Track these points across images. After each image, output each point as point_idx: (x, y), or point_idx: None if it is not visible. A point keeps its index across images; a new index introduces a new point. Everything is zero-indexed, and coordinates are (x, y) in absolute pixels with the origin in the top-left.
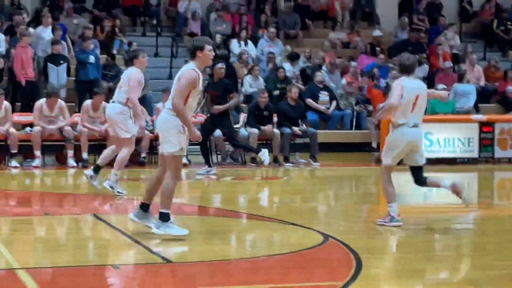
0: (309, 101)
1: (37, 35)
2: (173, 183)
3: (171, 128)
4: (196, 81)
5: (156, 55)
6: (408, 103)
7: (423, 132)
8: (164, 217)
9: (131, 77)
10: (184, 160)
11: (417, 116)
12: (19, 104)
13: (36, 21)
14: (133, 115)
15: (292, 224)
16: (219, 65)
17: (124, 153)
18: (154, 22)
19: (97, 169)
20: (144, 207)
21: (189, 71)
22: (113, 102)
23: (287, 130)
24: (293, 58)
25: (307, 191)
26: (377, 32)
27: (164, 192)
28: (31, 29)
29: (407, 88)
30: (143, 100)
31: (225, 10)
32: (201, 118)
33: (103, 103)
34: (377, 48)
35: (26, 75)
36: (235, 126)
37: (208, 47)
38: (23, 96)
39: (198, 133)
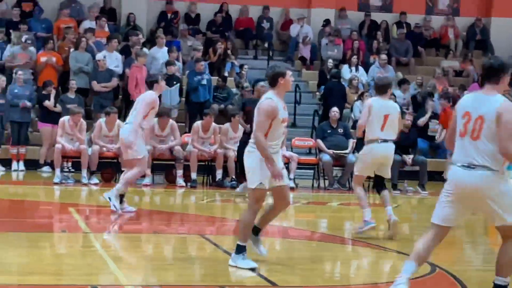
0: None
1: (151, 55)
2: (250, 216)
3: (252, 161)
4: (275, 111)
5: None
6: (378, 120)
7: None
8: (239, 249)
9: (144, 99)
10: (292, 184)
11: (387, 133)
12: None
13: (150, 42)
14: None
15: (398, 252)
16: (261, 83)
17: (134, 172)
18: (266, 45)
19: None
20: (255, 231)
21: (267, 102)
22: (126, 123)
23: (396, 157)
24: (402, 84)
25: (414, 219)
26: None
27: (240, 224)
28: (146, 50)
29: (375, 108)
30: None
31: (337, 35)
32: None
33: (213, 124)
34: None
35: (140, 94)
36: (345, 151)
37: (289, 73)
38: None
39: (279, 169)
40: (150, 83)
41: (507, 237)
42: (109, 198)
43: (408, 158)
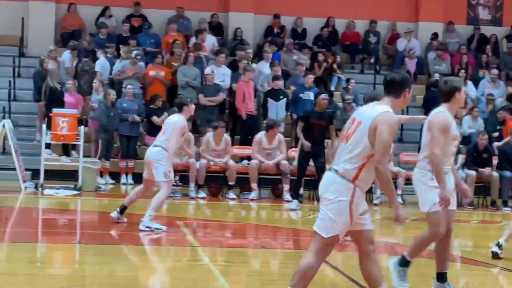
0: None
1: (258, 70)
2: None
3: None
4: (448, 126)
5: None
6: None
7: None
8: (442, 278)
9: (176, 124)
10: (400, 200)
11: None
12: (238, 137)
13: (257, 56)
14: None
15: (509, 270)
16: (323, 95)
17: (163, 195)
18: (372, 60)
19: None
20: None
21: (438, 115)
22: (154, 146)
23: (507, 173)
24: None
25: None
26: None
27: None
28: (253, 64)
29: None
30: None
31: (445, 49)
32: None
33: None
34: None
35: (247, 108)
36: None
37: (464, 89)
38: (243, 129)
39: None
40: (179, 106)
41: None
42: (147, 227)
43: None
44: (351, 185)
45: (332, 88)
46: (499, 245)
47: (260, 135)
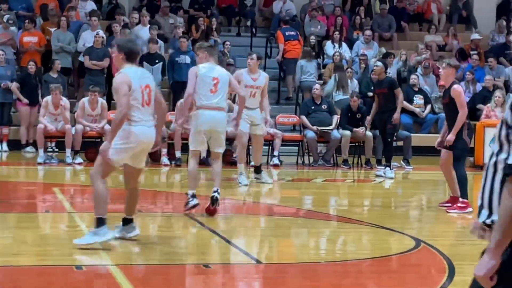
0: (404, 103)
1: (135, 34)
2: None
3: None
4: None
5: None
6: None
7: None
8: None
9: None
10: (277, 161)
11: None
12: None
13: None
14: None
15: (384, 228)
16: (378, 63)
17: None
18: (249, 22)
19: None
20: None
21: None
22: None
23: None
24: (386, 57)
25: (399, 194)
26: (475, 35)
27: None
28: (129, 29)
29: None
30: None
31: (320, 11)
32: None
33: None
34: (473, 52)
35: None
36: (330, 127)
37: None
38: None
39: None
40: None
41: None
42: None
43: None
44: None
45: None
46: None
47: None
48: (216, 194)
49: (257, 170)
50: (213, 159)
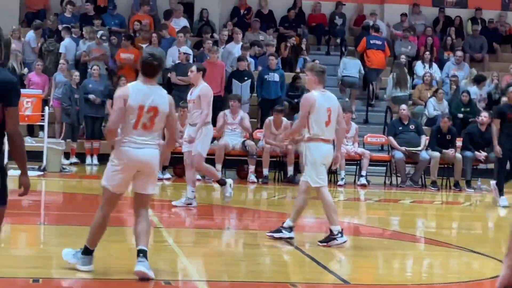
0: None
1: (227, 51)
2: None
3: None
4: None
5: None
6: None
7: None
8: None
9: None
10: (364, 181)
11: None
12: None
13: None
14: None
15: (473, 251)
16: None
17: None
18: (338, 41)
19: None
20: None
21: None
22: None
23: (469, 154)
24: (479, 81)
25: (488, 218)
26: None
27: None
28: (222, 46)
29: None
30: None
31: (411, 31)
32: None
33: (285, 120)
34: None
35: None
36: (419, 148)
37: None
38: None
39: None
40: None
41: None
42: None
43: (482, 155)
44: None
45: (298, 70)
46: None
47: (224, 112)
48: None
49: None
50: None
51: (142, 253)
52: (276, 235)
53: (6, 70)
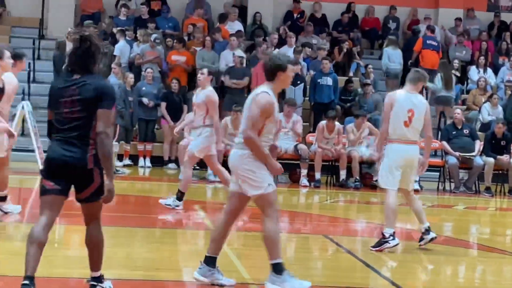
0: None
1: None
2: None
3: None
4: (272, 107)
5: None
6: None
7: None
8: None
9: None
10: (417, 186)
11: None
12: None
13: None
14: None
15: None
16: None
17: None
18: None
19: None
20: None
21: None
22: None
23: None
24: None
25: None
26: None
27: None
28: (276, 50)
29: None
30: None
31: (465, 36)
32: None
33: (337, 124)
34: None
35: None
36: (473, 153)
37: (291, 68)
38: None
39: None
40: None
41: None
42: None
43: None
44: None
45: (351, 74)
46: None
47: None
48: (428, 232)
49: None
50: (408, 196)
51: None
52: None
53: (102, 77)
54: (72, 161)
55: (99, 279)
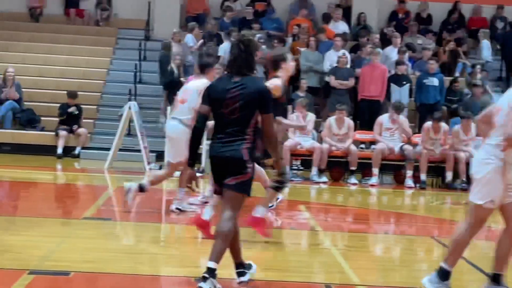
0: None
1: (385, 54)
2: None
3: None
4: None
5: None
6: None
7: None
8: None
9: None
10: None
11: None
12: (358, 121)
13: (381, 41)
14: None
15: None
16: None
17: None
18: (498, 46)
19: None
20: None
21: None
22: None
23: None
24: None
25: None
26: None
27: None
28: (379, 50)
29: None
30: None
31: None
32: None
33: (444, 125)
34: None
35: (369, 93)
36: None
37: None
38: (363, 114)
39: None
40: (202, 67)
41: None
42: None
43: None
44: None
45: (457, 74)
46: None
47: (383, 117)
48: None
49: None
50: None
51: None
52: None
53: (260, 79)
54: (229, 155)
55: (212, 272)
